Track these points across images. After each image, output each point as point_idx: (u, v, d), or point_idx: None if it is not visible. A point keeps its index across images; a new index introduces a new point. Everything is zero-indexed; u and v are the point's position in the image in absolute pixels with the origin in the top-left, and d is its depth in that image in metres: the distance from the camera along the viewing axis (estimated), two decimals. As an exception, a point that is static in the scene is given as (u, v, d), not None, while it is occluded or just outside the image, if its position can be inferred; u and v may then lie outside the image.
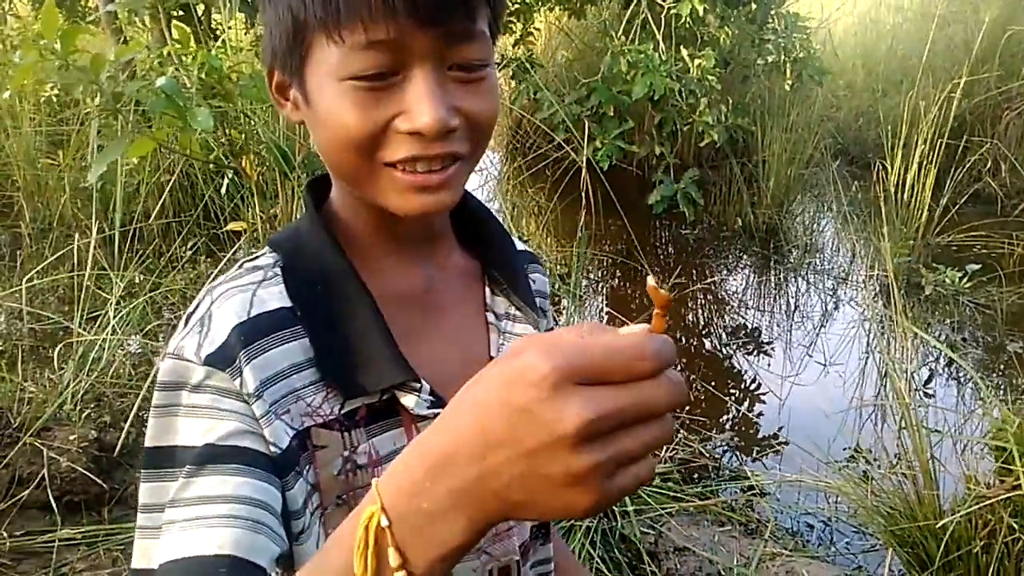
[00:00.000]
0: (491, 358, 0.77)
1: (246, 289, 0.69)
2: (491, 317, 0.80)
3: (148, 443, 0.66)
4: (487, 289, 0.81)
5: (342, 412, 0.69)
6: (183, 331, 0.68)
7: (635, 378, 0.44)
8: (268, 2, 0.68)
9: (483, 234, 0.83)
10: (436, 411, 0.70)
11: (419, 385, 0.69)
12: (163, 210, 4.13)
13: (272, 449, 0.65)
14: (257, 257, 0.74)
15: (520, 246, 0.91)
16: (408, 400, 0.69)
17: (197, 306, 0.70)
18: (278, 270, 0.72)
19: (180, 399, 0.65)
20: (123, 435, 2.60)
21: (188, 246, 4.05)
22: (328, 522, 0.70)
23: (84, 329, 3.02)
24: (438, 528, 0.46)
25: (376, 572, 0.47)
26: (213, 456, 0.63)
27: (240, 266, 0.74)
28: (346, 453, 0.69)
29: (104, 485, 2.54)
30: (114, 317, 3.02)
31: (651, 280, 0.50)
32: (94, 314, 3.18)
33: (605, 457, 0.42)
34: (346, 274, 0.71)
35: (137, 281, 3.55)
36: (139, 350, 3.53)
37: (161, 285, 3.58)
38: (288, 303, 0.70)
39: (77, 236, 3.31)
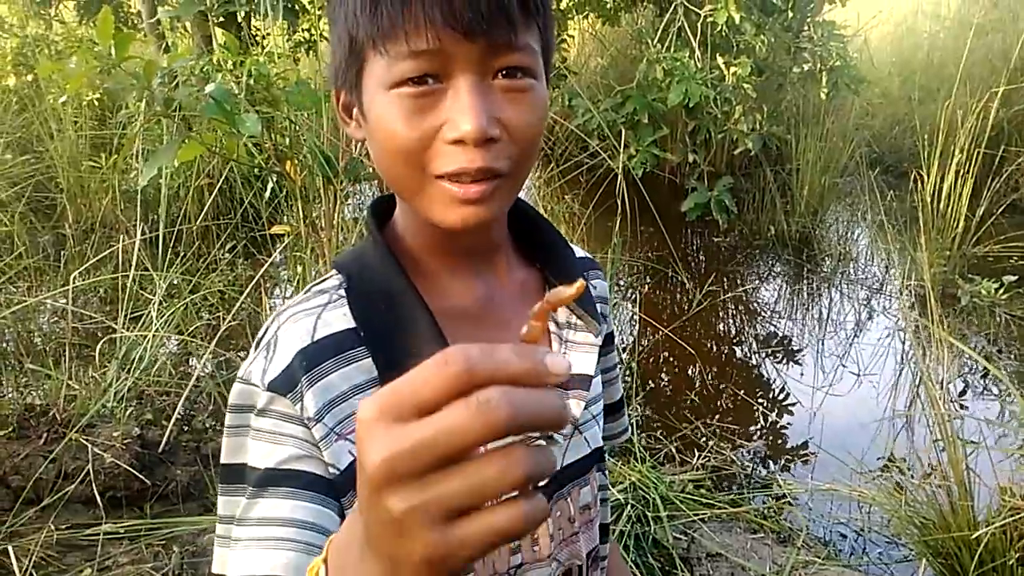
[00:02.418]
0: None
1: (311, 313, 0.72)
2: (552, 327, 0.81)
3: (223, 459, 0.71)
4: None
5: None
6: (252, 355, 0.71)
7: (444, 401, 0.36)
8: (332, 25, 0.71)
9: (543, 244, 0.84)
10: None
11: None
12: (203, 214, 4.22)
13: (331, 471, 0.68)
14: (324, 280, 0.77)
15: (580, 252, 0.92)
16: None
17: (266, 330, 0.73)
18: (343, 291, 0.74)
19: (248, 421, 0.69)
20: (166, 433, 2.66)
21: (227, 249, 4.12)
22: None
23: (127, 329, 3.09)
24: None
25: None
26: (272, 479, 0.66)
27: (308, 290, 0.76)
28: None
29: (147, 481, 2.60)
30: (156, 318, 3.10)
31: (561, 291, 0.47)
32: (136, 314, 3.26)
33: (419, 500, 0.35)
34: (406, 292, 0.72)
35: (176, 283, 3.63)
36: (179, 350, 3.61)
37: (201, 287, 3.65)
38: (352, 324, 0.72)
39: (122, 238, 3.39)
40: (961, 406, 3.37)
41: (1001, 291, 4.06)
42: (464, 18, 0.61)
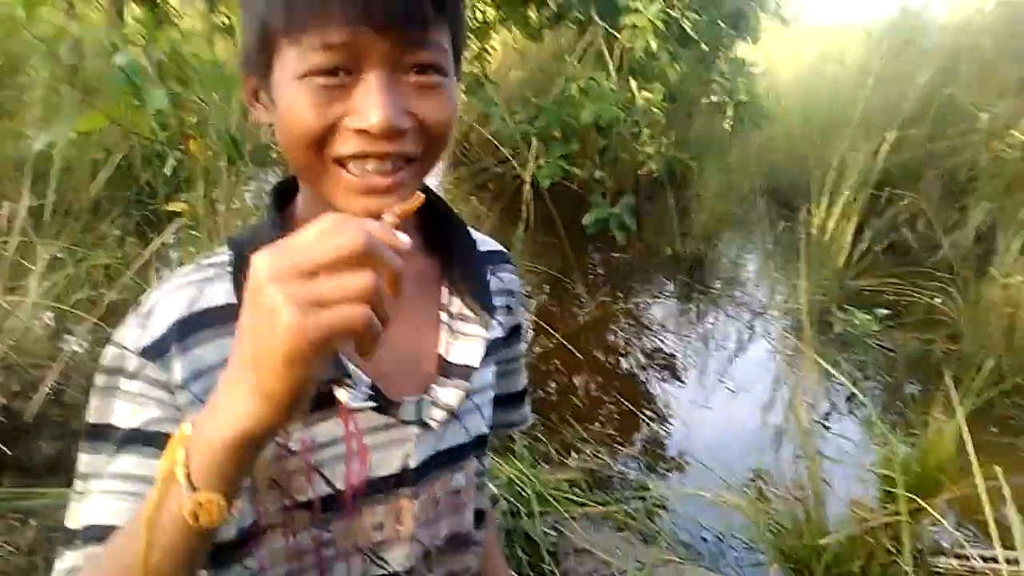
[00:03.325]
0: (439, 355, 0.80)
1: (194, 285, 0.73)
2: (444, 316, 0.82)
3: (89, 419, 0.72)
4: (444, 289, 0.83)
5: None
6: (129, 320, 0.72)
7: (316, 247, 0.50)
8: (243, 9, 0.72)
9: (445, 234, 0.85)
10: (372, 404, 0.74)
11: (351, 380, 0.73)
12: (96, 186, 4.09)
13: None
14: (214, 255, 0.77)
15: (491, 246, 0.94)
16: (341, 394, 0.73)
17: (147, 298, 0.74)
18: (230, 268, 0.75)
19: (118, 383, 0.70)
20: (33, 405, 2.58)
21: (118, 225, 4.01)
22: (259, 501, 0.74)
23: (2, 298, 2.98)
24: (206, 427, 0.53)
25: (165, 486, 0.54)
26: (134, 439, 0.68)
27: (197, 263, 0.76)
28: (279, 440, 0.73)
29: (8, 452, 2.51)
30: (35, 288, 2.99)
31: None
32: (13, 285, 3.14)
33: (295, 291, 0.48)
34: None
35: (60, 256, 3.51)
36: (56, 324, 3.49)
37: (87, 260, 3.54)
38: (234, 300, 0.72)
39: (6, 204, 3.26)
40: (826, 426, 3.55)
41: (873, 323, 4.29)
42: (378, 14, 0.63)
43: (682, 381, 4.03)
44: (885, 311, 4.34)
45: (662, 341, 4.55)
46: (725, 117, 5.74)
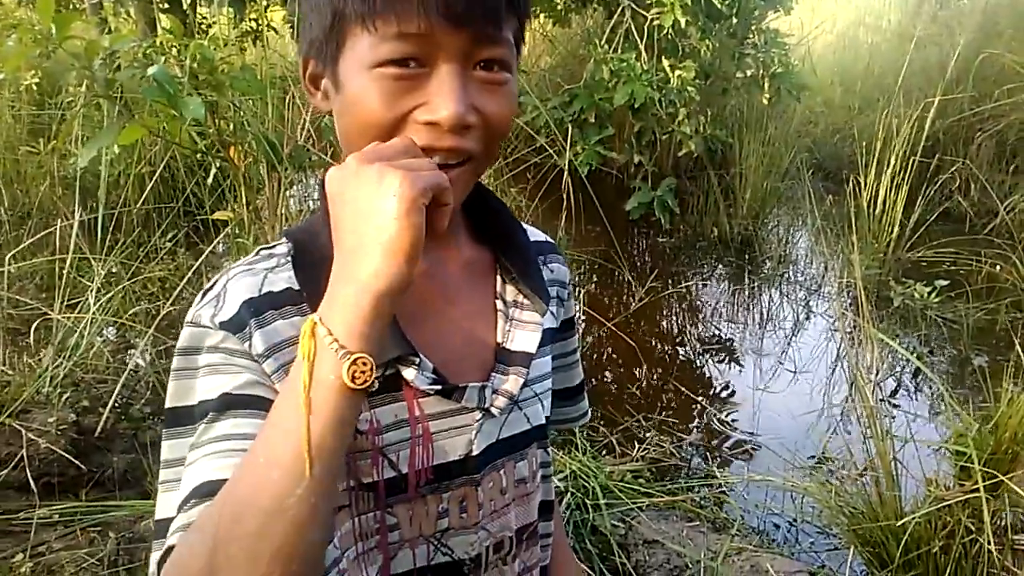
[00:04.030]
0: (498, 343, 0.81)
1: (258, 273, 0.74)
2: (500, 304, 0.83)
3: (168, 404, 0.71)
4: (498, 278, 0.84)
5: None
6: (199, 304, 0.73)
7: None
8: None
9: (497, 226, 0.86)
10: (437, 387, 0.75)
11: (418, 360, 0.73)
12: (143, 200, 4.14)
13: None
14: (273, 246, 0.79)
15: (540, 237, 0.95)
16: (408, 373, 0.73)
17: (213, 284, 0.75)
18: (290, 258, 0.76)
19: (197, 362, 0.71)
20: (102, 420, 2.62)
21: (167, 237, 4.06)
22: None
23: (63, 315, 3.03)
24: (338, 305, 0.59)
25: (314, 357, 0.58)
26: (230, 403, 0.68)
27: (257, 253, 0.78)
28: None
29: (82, 467, 2.55)
30: (94, 304, 3.04)
31: None
32: (73, 301, 3.19)
33: (389, 163, 0.59)
34: None
35: (115, 270, 3.56)
36: (116, 337, 3.54)
37: (140, 274, 3.59)
38: (295, 285, 0.74)
39: (60, 222, 3.32)
40: (892, 403, 3.48)
41: (932, 295, 4.20)
42: (456, 8, 0.64)
43: (740, 364, 3.97)
44: (944, 282, 4.24)
45: (716, 325, 4.50)
46: (762, 91, 5.63)
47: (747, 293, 4.96)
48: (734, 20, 5.62)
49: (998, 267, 4.56)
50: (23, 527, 2.27)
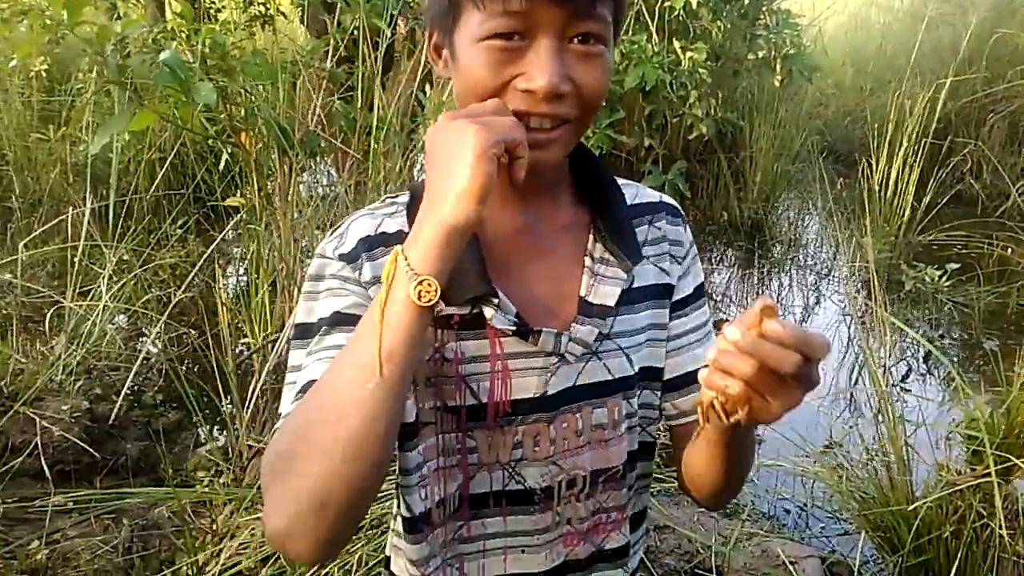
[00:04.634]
0: (581, 297, 0.88)
1: (377, 217, 0.88)
2: (588, 261, 0.89)
3: (296, 321, 0.85)
4: (591, 237, 0.90)
5: (438, 314, 0.82)
6: (328, 238, 0.87)
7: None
8: None
9: (597, 188, 0.93)
10: (514, 327, 0.83)
11: (498, 301, 0.82)
12: (154, 187, 4.15)
13: None
14: (397, 196, 0.91)
15: (652, 197, 0.99)
16: (488, 311, 0.83)
17: (341, 223, 0.89)
18: (405, 207, 0.88)
19: (319, 287, 0.84)
20: (115, 408, 2.63)
21: (179, 224, 4.07)
22: (419, 397, 0.84)
23: (75, 303, 3.04)
24: (416, 239, 0.69)
25: (393, 283, 0.69)
26: (339, 320, 0.80)
27: (383, 200, 0.91)
28: (436, 344, 0.84)
29: (96, 455, 2.57)
30: (105, 292, 3.05)
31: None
32: (85, 288, 3.20)
33: (472, 119, 0.69)
34: None
35: (126, 257, 3.57)
36: (129, 325, 3.56)
37: (152, 261, 3.61)
38: (406, 229, 0.83)
39: (71, 210, 3.32)
40: (904, 388, 3.47)
41: (944, 278, 4.18)
42: None
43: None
44: (955, 265, 4.22)
45: (726, 310, 4.49)
46: (773, 72, 5.59)
47: (757, 277, 4.95)
48: (745, 1, 5.57)
49: (1010, 250, 4.54)
50: (38, 515, 2.29)
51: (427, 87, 2.92)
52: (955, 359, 3.77)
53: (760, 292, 4.76)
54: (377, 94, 2.78)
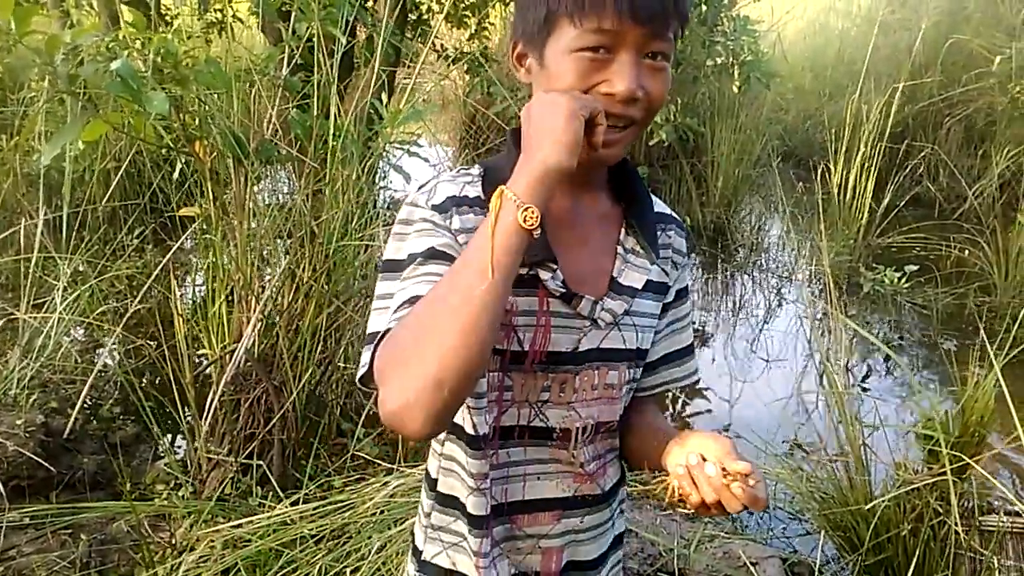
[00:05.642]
0: (612, 276, 1.04)
1: (458, 183, 1.01)
2: (620, 249, 1.06)
3: (385, 257, 0.99)
4: (623, 230, 1.07)
5: None
6: (417, 192, 1.01)
7: None
8: None
9: (630, 189, 1.10)
10: (562, 291, 0.99)
11: (555, 267, 0.98)
12: (109, 196, 4.08)
13: None
14: (470, 168, 1.04)
15: (665, 209, 1.16)
16: (544, 274, 0.98)
17: (426, 183, 1.03)
18: (480, 177, 1.02)
19: (409, 229, 0.97)
20: (71, 421, 2.58)
21: (135, 234, 4.01)
22: None
23: (30, 315, 2.98)
24: (520, 177, 0.85)
25: (500, 212, 0.83)
26: (434, 254, 0.93)
27: (457, 171, 1.04)
28: None
29: (52, 469, 2.52)
30: (60, 304, 2.99)
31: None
32: (39, 301, 3.14)
33: (564, 93, 0.87)
34: None
35: (81, 268, 3.51)
36: (85, 337, 3.50)
37: (108, 272, 3.54)
38: (482, 195, 1.00)
39: (23, 220, 3.26)
40: (863, 388, 3.51)
41: (902, 280, 4.24)
42: (640, 11, 0.88)
43: (712, 353, 3.99)
44: (914, 267, 4.28)
45: (692, 314, 4.50)
46: (732, 79, 5.65)
47: (719, 281, 4.98)
48: (704, 8, 5.62)
49: (967, 252, 4.61)
50: (-9, 531, 2.24)
51: (383, 95, 2.90)
52: (913, 359, 3.83)
53: (723, 296, 4.80)
54: (334, 102, 2.76)
